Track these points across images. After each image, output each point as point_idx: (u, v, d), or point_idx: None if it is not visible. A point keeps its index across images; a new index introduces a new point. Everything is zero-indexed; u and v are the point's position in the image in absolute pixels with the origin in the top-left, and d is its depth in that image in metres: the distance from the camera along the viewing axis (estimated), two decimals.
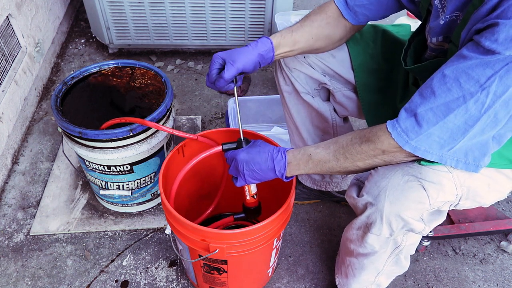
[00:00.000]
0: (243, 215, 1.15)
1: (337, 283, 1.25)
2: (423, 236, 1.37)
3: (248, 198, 1.09)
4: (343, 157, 0.87)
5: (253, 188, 1.08)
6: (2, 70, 1.69)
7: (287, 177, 0.96)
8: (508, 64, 0.68)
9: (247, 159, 0.95)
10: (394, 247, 0.98)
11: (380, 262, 1.03)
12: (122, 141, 1.23)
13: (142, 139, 1.27)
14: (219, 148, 1.02)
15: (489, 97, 0.71)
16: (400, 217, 0.85)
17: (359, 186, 0.95)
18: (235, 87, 1.01)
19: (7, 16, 1.74)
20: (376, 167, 0.89)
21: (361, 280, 1.13)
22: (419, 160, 0.84)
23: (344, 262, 1.14)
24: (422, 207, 0.84)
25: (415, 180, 0.83)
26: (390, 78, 1.20)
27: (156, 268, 1.39)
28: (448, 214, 1.45)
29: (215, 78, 0.98)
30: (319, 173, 0.93)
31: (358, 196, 0.93)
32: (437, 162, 0.81)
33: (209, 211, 1.37)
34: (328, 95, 1.32)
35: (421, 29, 1.02)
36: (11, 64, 1.76)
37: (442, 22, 0.87)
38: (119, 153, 1.25)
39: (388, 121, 0.82)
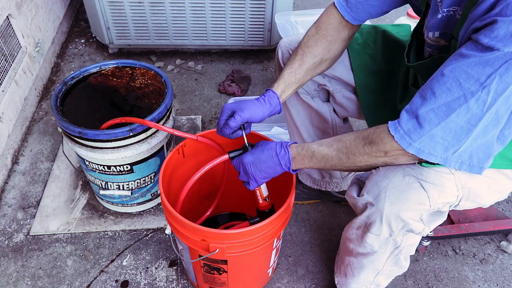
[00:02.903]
0: (258, 219, 1.15)
1: (336, 282, 1.25)
2: (423, 236, 1.37)
3: (261, 201, 1.10)
4: (345, 156, 0.87)
5: (264, 191, 1.08)
6: (2, 70, 1.69)
7: (294, 170, 0.96)
8: (508, 61, 0.68)
9: (253, 160, 0.96)
10: (394, 247, 0.98)
11: (379, 262, 1.03)
12: (122, 141, 1.23)
13: (142, 139, 1.27)
14: (226, 156, 1.02)
15: (490, 95, 0.71)
16: (400, 218, 0.85)
17: (360, 185, 0.95)
18: (244, 133, 1.03)
19: (7, 16, 1.74)
20: (378, 167, 0.89)
21: (360, 279, 1.13)
22: (420, 161, 0.84)
23: (343, 262, 1.14)
24: (422, 208, 0.84)
25: (416, 181, 0.83)
26: (390, 79, 1.20)
27: (156, 268, 1.39)
28: (448, 214, 1.45)
29: (222, 125, 1.02)
30: (323, 168, 0.94)
31: (358, 195, 0.93)
32: (438, 164, 0.80)
33: (209, 212, 1.37)
34: (328, 95, 1.32)
35: (422, 23, 1.01)
36: (11, 64, 1.76)
37: (439, 16, 0.86)
38: (119, 153, 1.25)
39: (389, 122, 0.81)
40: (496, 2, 0.68)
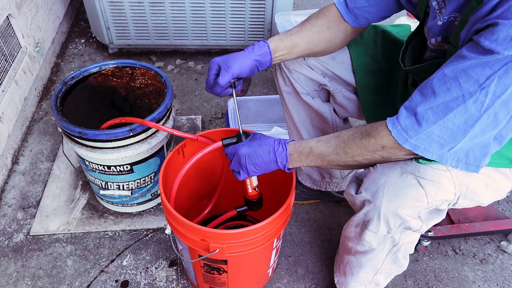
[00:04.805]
0: (245, 207, 1.14)
1: (335, 281, 1.25)
2: (423, 236, 1.37)
3: (250, 191, 1.09)
4: (343, 151, 0.88)
5: (254, 181, 1.08)
6: (2, 70, 1.69)
7: (289, 168, 0.96)
8: (507, 64, 0.68)
9: (249, 152, 0.95)
10: (392, 245, 0.98)
11: (378, 260, 1.03)
12: (122, 141, 1.23)
13: (142, 139, 1.27)
14: (219, 143, 1.01)
15: (488, 97, 0.71)
16: (398, 215, 0.85)
17: (358, 183, 0.95)
18: (234, 92, 1.01)
19: (7, 16, 1.74)
20: (376, 164, 0.89)
21: (359, 278, 1.13)
22: (417, 158, 0.84)
23: (342, 260, 1.14)
24: (420, 205, 0.85)
25: (414, 178, 0.83)
26: (391, 79, 1.20)
27: (156, 268, 1.39)
28: (448, 214, 1.45)
29: (212, 84, 1.00)
30: (320, 166, 0.94)
31: (356, 193, 0.93)
32: (436, 161, 0.81)
33: (207, 210, 1.37)
34: (328, 96, 1.32)
35: (419, 30, 1.02)
36: (11, 64, 1.76)
37: (440, 23, 0.87)
38: (119, 153, 1.25)
39: (388, 118, 0.82)
40: (497, 4, 0.69)
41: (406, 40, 1.05)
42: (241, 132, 1.00)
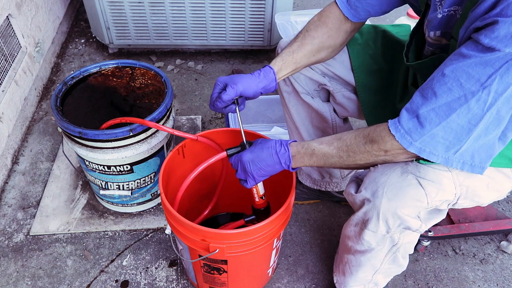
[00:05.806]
0: (253, 217, 1.15)
1: (335, 281, 1.25)
2: (423, 236, 1.37)
3: (257, 200, 1.09)
4: (346, 154, 0.88)
5: (261, 189, 1.08)
6: (2, 70, 1.69)
7: (293, 168, 0.96)
8: (508, 61, 0.68)
9: (252, 158, 0.95)
10: (391, 245, 0.98)
11: (377, 260, 1.03)
12: (122, 141, 1.23)
13: (142, 139, 1.27)
14: (224, 154, 1.02)
15: (490, 96, 0.71)
16: (397, 215, 0.85)
17: (358, 183, 0.95)
18: (237, 109, 1.02)
19: (7, 16, 1.74)
20: (377, 165, 0.89)
21: (358, 277, 1.13)
22: (418, 159, 0.84)
23: (342, 260, 1.14)
24: (419, 205, 0.85)
25: (414, 178, 0.83)
26: (390, 79, 1.20)
27: (156, 268, 1.39)
28: (448, 214, 1.45)
29: (215, 99, 1.01)
30: (322, 166, 0.94)
31: (356, 192, 0.93)
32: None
33: (207, 210, 1.37)
34: (328, 95, 1.32)
35: (420, 23, 1.02)
36: (11, 64, 1.76)
37: (440, 16, 0.87)
38: (119, 153, 1.25)
39: (389, 121, 0.82)
40: (496, 2, 0.69)
41: (410, 34, 1.04)
42: (245, 142, 1.01)
